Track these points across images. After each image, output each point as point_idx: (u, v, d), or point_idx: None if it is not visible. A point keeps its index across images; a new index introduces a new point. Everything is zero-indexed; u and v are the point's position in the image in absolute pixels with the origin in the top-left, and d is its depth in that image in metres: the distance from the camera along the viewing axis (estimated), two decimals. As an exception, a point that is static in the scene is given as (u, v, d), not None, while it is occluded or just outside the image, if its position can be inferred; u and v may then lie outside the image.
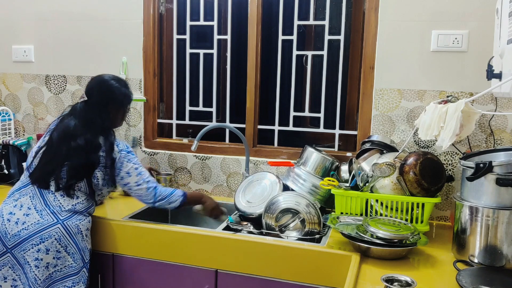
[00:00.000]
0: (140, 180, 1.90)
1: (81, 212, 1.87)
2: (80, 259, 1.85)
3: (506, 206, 1.53)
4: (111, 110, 1.96)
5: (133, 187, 1.91)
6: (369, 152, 2.04)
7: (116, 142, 1.91)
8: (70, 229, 1.82)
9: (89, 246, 1.90)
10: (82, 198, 1.88)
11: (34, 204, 1.84)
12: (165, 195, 1.93)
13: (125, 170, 1.89)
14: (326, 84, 2.35)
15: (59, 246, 1.80)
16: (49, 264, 1.79)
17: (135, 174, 1.90)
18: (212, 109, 2.56)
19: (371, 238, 1.64)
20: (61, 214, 1.83)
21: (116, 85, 1.97)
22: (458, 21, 2.02)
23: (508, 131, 2.00)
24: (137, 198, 1.94)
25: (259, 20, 2.40)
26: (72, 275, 1.83)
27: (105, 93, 1.95)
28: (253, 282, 1.79)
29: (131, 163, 1.90)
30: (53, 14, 2.67)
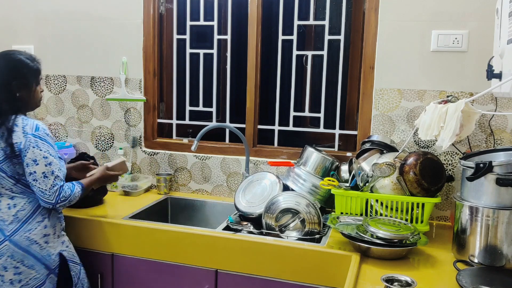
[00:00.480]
0: (48, 172, 1.67)
1: (27, 220, 1.71)
2: (44, 268, 1.74)
3: (506, 206, 1.53)
4: (16, 90, 1.74)
5: (39, 178, 1.66)
6: (369, 152, 2.04)
7: (22, 124, 1.68)
8: (19, 243, 1.68)
9: (56, 251, 1.77)
10: (22, 203, 1.71)
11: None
12: (67, 196, 1.72)
13: (31, 157, 1.65)
14: (326, 84, 2.35)
15: (14, 262, 1.68)
16: (12, 280, 1.69)
17: (43, 163, 1.66)
18: (212, 109, 2.56)
19: (371, 238, 1.64)
20: (6, 229, 1.68)
21: (19, 59, 1.76)
22: (458, 21, 2.02)
23: (508, 131, 2.00)
24: (38, 193, 1.69)
25: (259, 20, 2.40)
26: (40, 285, 1.73)
27: (7, 70, 1.74)
28: (253, 282, 1.79)
29: (40, 150, 1.66)
30: (53, 14, 2.67)
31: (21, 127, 1.68)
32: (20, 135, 1.67)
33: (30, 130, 1.68)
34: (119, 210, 2.16)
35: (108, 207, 2.22)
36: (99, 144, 2.67)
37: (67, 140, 2.74)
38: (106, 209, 2.19)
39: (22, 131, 1.67)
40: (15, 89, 1.75)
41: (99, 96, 2.63)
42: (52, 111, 2.76)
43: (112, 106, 2.62)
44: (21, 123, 1.70)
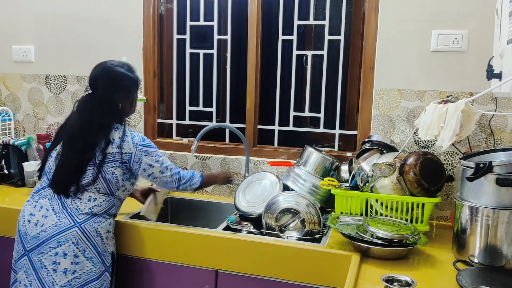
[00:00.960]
0: (163, 169, 1.88)
1: (100, 214, 1.81)
2: (100, 263, 1.79)
3: (506, 206, 1.53)
4: (119, 101, 1.87)
5: (158, 175, 1.88)
6: (369, 152, 2.04)
7: (131, 136, 1.84)
8: (88, 232, 1.77)
9: (110, 249, 1.85)
10: (100, 200, 1.82)
11: (52, 206, 1.78)
12: (187, 177, 1.94)
13: (146, 162, 1.84)
14: (326, 84, 2.35)
15: (76, 250, 1.74)
16: (67, 270, 1.73)
17: (158, 165, 1.87)
18: (212, 109, 2.56)
19: (371, 238, 1.64)
20: (78, 216, 1.77)
21: (121, 72, 1.87)
22: (458, 21, 2.02)
23: (508, 131, 2.00)
24: (162, 184, 1.93)
25: (259, 20, 2.40)
26: (93, 280, 1.77)
27: (111, 83, 1.85)
28: (253, 282, 1.79)
29: (150, 156, 1.85)
30: (53, 14, 2.67)
31: (130, 138, 1.85)
32: (130, 146, 1.83)
33: (138, 141, 1.85)
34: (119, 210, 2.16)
35: (108, 207, 2.22)
36: (99, 144, 2.66)
37: (67, 140, 2.73)
38: (106, 209, 2.19)
39: (132, 142, 1.84)
40: (117, 101, 1.87)
41: (99, 96, 2.63)
42: (52, 111, 2.76)
43: (112, 106, 2.61)
44: (129, 134, 1.86)
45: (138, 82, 1.96)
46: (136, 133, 1.88)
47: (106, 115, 1.83)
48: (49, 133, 2.77)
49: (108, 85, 1.85)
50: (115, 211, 1.92)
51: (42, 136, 2.73)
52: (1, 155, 2.54)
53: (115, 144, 1.81)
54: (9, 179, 2.52)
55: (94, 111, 1.83)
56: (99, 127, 1.81)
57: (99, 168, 1.79)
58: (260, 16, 2.40)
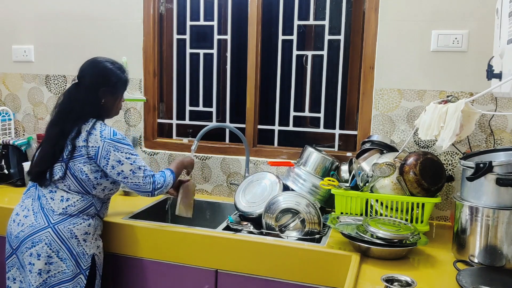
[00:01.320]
0: (135, 168, 1.77)
1: (75, 215, 1.78)
2: (74, 265, 1.76)
3: (506, 206, 1.53)
4: (102, 95, 1.82)
5: (129, 175, 1.76)
6: (369, 152, 2.04)
7: (100, 129, 1.75)
8: (61, 233, 1.74)
9: (90, 252, 1.81)
10: (74, 199, 1.78)
11: (33, 206, 1.79)
12: (162, 181, 1.84)
13: (114, 159, 1.74)
14: (326, 84, 2.35)
15: (49, 251, 1.73)
16: (41, 270, 1.72)
17: (128, 162, 1.76)
18: (212, 109, 2.56)
19: (371, 238, 1.64)
20: (53, 217, 1.75)
21: (110, 67, 1.85)
22: (458, 21, 2.02)
23: (508, 131, 2.00)
24: (134, 188, 1.80)
25: (259, 20, 2.40)
26: (65, 281, 1.75)
27: (97, 77, 1.82)
28: (253, 282, 1.79)
29: (120, 151, 1.75)
30: (53, 14, 2.67)
31: (99, 131, 1.75)
32: (97, 139, 1.73)
33: (108, 135, 1.75)
34: (119, 210, 2.16)
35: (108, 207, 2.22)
36: (99, 144, 2.66)
37: (67, 140, 2.74)
38: (106, 209, 2.19)
39: (100, 136, 1.74)
40: (101, 95, 1.83)
41: (99, 96, 2.63)
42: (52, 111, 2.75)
43: (112, 106, 2.61)
44: (99, 128, 1.76)
45: (126, 83, 1.92)
46: (108, 127, 1.79)
47: (85, 107, 1.79)
48: (49, 133, 2.77)
49: (95, 77, 1.83)
50: (96, 211, 1.85)
51: (42, 136, 2.70)
52: (1, 155, 2.54)
53: (81, 137, 1.75)
54: (9, 179, 2.52)
55: (75, 100, 1.79)
56: (75, 117, 1.77)
57: (67, 163, 1.74)
58: (260, 16, 2.40)
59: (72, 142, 1.74)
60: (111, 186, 1.86)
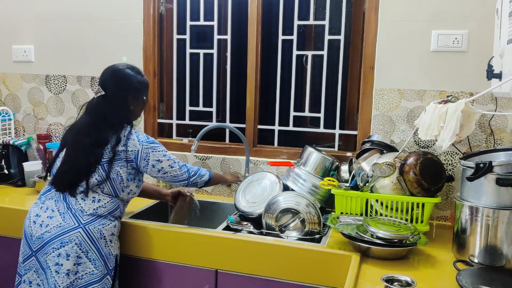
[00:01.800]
0: (172, 163, 1.88)
1: (104, 216, 1.81)
2: (103, 265, 1.78)
3: (506, 206, 1.53)
4: (131, 102, 1.89)
5: (168, 170, 1.87)
6: (369, 152, 2.04)
7: (136, 134, 1.84)
8: (92, 234, 1.76)
9: (114, 252, 1.84)
10: (105, 201, 1.82)
11: (57, 207, 1.79)
12: (195, 170, 1.94)
13: (154, 158, 1.84)
14: (326, 84, 2.35)
15: (79, 251, 1.74)
16: (69, 271, 1.72)
17: (165, 159, 1.86)
18: (212, 109, 2.56)
19: (371, 238, 1.64)
20: (82, 218, 1.77)
21: (131, 74, 1.89)
22: (458, 21, 2.02)
23: (508, 131, 2.00)
24: (172, 180, 1.90)
25: (259, 20, 2.40)
26: (94, 282, 1.76)
27: (122, 84, 1.87)
28: (253, 282, 1.79)
29: (157, 151, 1.85)
30: (53, 14, 2.67)
31: (136, 136, 1.84)
32: (136, 144, 1.82)
33: (143, 139, 1.85)
34: (119, 210, 2.16)
35: (108, 207, 2.22)
36: (99, 144, 2.66)
37: (67, 140, 2.74)
38: (106, 209, 2.19)
39: (138, 141, 1.83)
40: (130, 102, 1.89)
41: (99, 96, 2.63)
42: (52, 111, 2.76)
43: (112, 106, 2.61)
44: (135, 133, 1.85)
45: (148, 85, 1.99)
46: (141, 132, 1.89)
47: (118, 115, 1.85)
48: (49, 133, 2.77)
49: (120, 86, 1.87)
50: (120, 213, 1.91)
51: (42, 136, 2.73)
52: (1, 155, 2.54)
53: (121, 142, 1.81)
54: (9, 179, 2.52)
55: (107, 110, 1.84)
56: (110, 126, 1.82)
57: (109, 167, 1.79)
58: (260, 16, 2.40)
59: (113, 149, 1.80)
60: (136, 189, 1.92)
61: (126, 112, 1.88)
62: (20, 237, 1.89)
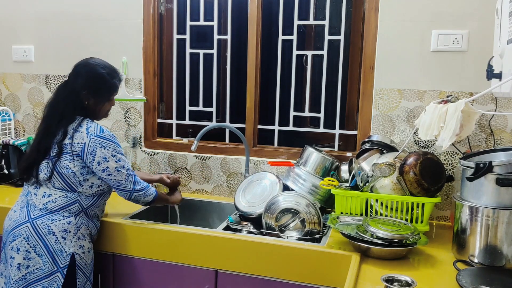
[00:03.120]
0: (120, 167, 1.79)
1: (55, 211, 1.77)
2: (50, 262, 1.75)
3: (506, 206, 1.53)
4: (84, 98, 1.83)
5: (113, 172, 1.78)
6: (369, 152, 2.04)
7: (86, 126, 1.77)
8: (39, 229, 1.75)
9: (69, 250, 1.77)
10: (56, 196, 1.78)
11: (21, 202, 1.85)
12: (143, 186, 1.85)
13: (101, 155, 1.75)
14: (326, 84, 2.35)
15: (27, 246, 1.74)
16: (20, 265, 1.74)
17: (114, 160, 1.77)
18: (212, 109, 2.56)
19: (371, 238, 1.64)
20: (33, 212, 1.78)
21: (99, 72, 1.85)
22: (458, 21, 2.02)
23: (508, 131, 2.00)
24: (115, 185, 1.81)
25: (259, 20, 2.40)
26: (42, 278, 1.74)
27: (83, 78, 1.83)
28: (253, 282, 1.79)
29: (106, 148, 1.76)
30: (53, 14, 2.67)
31: (85, 129, 1.77)
32: (83, 136, 1.75)
33: (94, 132, 1.76)
34: (119, 210, 2.16)
35: (108, 207, 2.21)
36: (99, 144, 2.67)
37: (67, 140, 2.74)
38: (106, 209, 2.19)
39: (86, 133, 1.76)
40: (84, 98, 1.84)
41: (99, 96, 2.63)
42: (52, 111, 2.75)
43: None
44: (85, 125, 1.78)
45: (113, 89, 1.91)
46: (96, 124, 1.81)
47: (68, 107, 1.81)
48: (49, 133, 2.77)
49: (80, 80, 1.84)
50: (82, 209, 1.82)
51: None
52: (1, 155, 2.54)
53: (68, 135, 1.77)
54: (9, 179, 2.52)
55: (60, 100, 1.83)
56: (59, 117, 1.79)
57: (54, 163, 1.77)
58: (260, 16, 2.40)
59: (59, 144, 1.76)
60: (99, 182, 1.84)
61: (78, 106, 1.82)
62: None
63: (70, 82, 1.86)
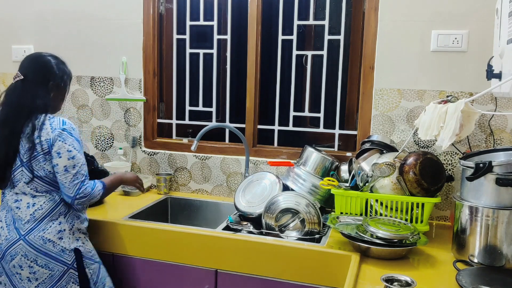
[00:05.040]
0: (69, 166, 1.69)
1: (42, 219, 1.73)
2: (59, 265, 1.74)
3: (506, 206, 1.53)
4: (51, 89, 1.79)
5: (60, 170, 1.69)
6: (369, 152, 2.04)
7: (49, 121, 1.72)
8: (33, 243, 1.71)
9: (71, 247, 1.76)
10: (41, 202, 1.74)
11: (5, 218, 1.78)
12: (87, 192, 1.73)
13: (56, 149, 1.68)
14: (326, 84, 2.35)
15: (28, 261, 1.71)
16: (29, 278, 1.73)
17: (66, 157, 1.68)
18: (212, 109, 2.56)
19: (371, 238, 1.64)
20: (22, 228, 1.72)
21: (54, 61, 1.82)
22: (458, 21, 2.02)
23: (508, 131, 2.00)
24: (60, 185, 1.72)
25: (259, 20, 2.40)
26: (56, 281, 1.73)
27: (43, 70, 1.79)
28: (253, 282, 1.79)
29: (64, 143, 1.69)
30: (53, 14, 2.67)
31: (49, 124, 1.71)
32: (49, 131, 1.70)
33: (57, 125, 1.71)
34: (119, 210, 2.16)
35: (108, 207, 2.22)
36: (99, 144, 2.67)
37: (67, 140, 2.74)
38: (106, 209, 2.19)
39: (50, 127, 1.71)
40: (50, 89, 1.80)
41: (99, 96, 2.64)
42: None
43: (112, 106, 2.62)
44: (48, 120, 1.73)
45: (71, 76, 1.90)
46: (57, 118, 1.75)
47: (36, 101, 1.74)
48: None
49: (42, 71, 1.79)
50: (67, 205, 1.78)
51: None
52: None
53: (35, 133, 1.70)
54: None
55: (25, 96, 1.74)
56: (27, 114, 1.72)
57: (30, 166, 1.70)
58: (260, 16, 2.40)
59: (28, 139, 1.69)
60: None
61: (46, 99, 1.76)
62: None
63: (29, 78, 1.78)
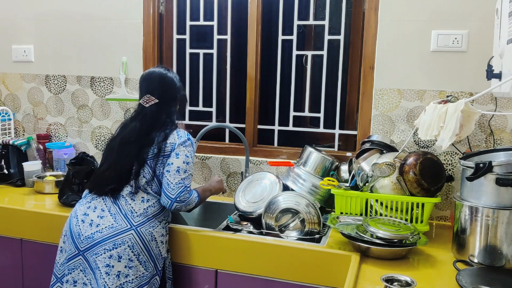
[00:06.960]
0: (181, 169, 1.78)
1: (154, 216, 1.78)
2: (153, 267, 1.76)
3: (506, 206, 1.53)
4: (178, 102, 1.96)
5: (172, 170, 1.77)
6: (369, 152, 2.04)
7: (177, 131, 1.85)
8: (143, 236, 1.73)
9: (164, 254, 1.80)
10: (153, 201, 1.80)
11: (108, 207, 1.77)
12: (187, 197, 1.79)
13: (177, 152, 1.79)
14: (326, 84, 2.36)
15: (131, 254, 1.71)
16: (120, 273, 1.69)
17: (182, 160, 1.79)
18: (212, 109, 2.56)
19: (371, 238, 1.64)
20: (133, 219, 1.74)
21: (172, 75, 1.95)
22: (458, 21, 2.02)
23: (508, 131, 2.00)
24: (165, 185, 1.77)
25: (259, 20, 2.40)
26: (144, 284, 1.73)
27: (171, 89, 1.93)
28: (253, 282, 1.79)
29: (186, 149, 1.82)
30: (53, 14, 2.67)
31: (176, 133, 1.84)
32: (175, 138, 1.83)
33: (183, 135, 1.85)
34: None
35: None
36: (99, 144, 2.67)
37: (67, 140, 2.74)
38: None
39: (177, 135, 1.84)
40: (179, 101, 1.98)
41: (99, 96, 2.64)
42: (52, 111, 2.76)
43: (112, 106, 2.62)
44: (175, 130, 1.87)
45: None
46: (183, 131, 1.90)
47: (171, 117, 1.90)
48: (49, 133, 2.77)
49: (170, 90, 1.92)
50: (169, 214, 1.88)
51: (42, 136, 2.73)
52: (1, 155, 2.54)
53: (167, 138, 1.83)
54: (9, 179, 2.52)
55: (160, 116, 1.86)
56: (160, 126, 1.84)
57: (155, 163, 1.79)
58: (260, 16, 2.40)
59: (158, 145, 1.80)
60: None
61: (176, 114, 1.94)
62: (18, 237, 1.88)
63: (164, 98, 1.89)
